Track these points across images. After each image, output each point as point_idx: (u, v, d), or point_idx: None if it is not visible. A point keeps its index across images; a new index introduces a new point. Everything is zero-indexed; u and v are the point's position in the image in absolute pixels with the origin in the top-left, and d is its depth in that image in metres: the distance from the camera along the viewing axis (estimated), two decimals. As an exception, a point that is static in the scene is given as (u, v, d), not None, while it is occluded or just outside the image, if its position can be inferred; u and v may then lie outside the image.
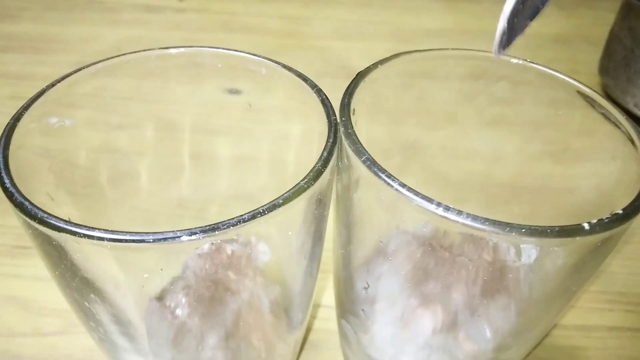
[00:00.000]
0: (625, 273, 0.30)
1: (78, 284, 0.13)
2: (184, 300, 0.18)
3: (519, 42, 0.61)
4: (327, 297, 0.26)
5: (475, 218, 0.12)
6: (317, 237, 0.16)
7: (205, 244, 0.19)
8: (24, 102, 0.44)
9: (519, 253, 0.16)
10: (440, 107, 0.26)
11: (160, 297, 0.18)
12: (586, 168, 0.22)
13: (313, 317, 0.26)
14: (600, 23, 0.46)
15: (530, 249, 0.14)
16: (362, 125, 0.24)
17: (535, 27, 0.63)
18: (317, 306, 0.26)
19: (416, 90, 0.24)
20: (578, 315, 0.27)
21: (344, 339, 0.21)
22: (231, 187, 0.27)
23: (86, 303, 0.14)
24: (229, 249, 0.20)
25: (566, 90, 0.19)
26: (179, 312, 0.18)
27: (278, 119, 0.22)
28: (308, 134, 0.19)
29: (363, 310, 0.18)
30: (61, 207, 0.18)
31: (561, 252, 0.13)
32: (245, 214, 0.12)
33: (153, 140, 0.25)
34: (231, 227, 0.11)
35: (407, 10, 0.56)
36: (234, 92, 0.23)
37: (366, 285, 0.17)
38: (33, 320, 0.26)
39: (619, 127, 0.16)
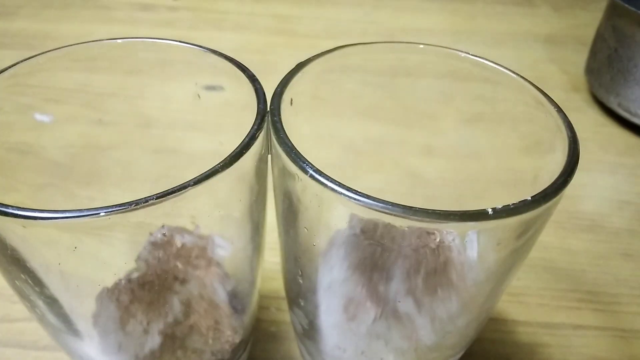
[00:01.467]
0: (595, 272, 0.29)
1: (6, 263, 0.13)
2: (130, 286, 0.18)
3: (511, 41, 0.62)
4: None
5: (391, 205, 0.12)
6: (254, 223, 0.16)
7: (158, 234, 0.20)
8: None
9: (461, 241, 0.17)
10: (409, 102, 0.26)
11: (113, 286, 0.19)
12: (544, 162, 0.22)
13: (276, 308, 0.26)
14: (592, 24, 0.46)
15: (471, 237, 0.15)
16: (333, 122, 0.24)
17: (528, 26, 0.63)
18: (278, 298, 0.26)
19: (377, 85, 0.24)
20: (545, 312, 0.27)
21: (294, 330, 0.21)
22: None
23: (17, 282, 0.14)
24: (182, 241, 0.20)
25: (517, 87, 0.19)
26: (122, 297, 0.18)
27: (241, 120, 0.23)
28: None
29: (303, 300, 0.18)
30: (35, 203, 0.18)
31: (480, 236, 0.13)
32: (154, 194, 0.12)
33: (133, 137, 0.25)
34: (138, 207, 0.12)
35: (399, 9, 0.56)
36: (212, 88, 0.23)
37: (300, 274, 0.17)
38: (3, 306, 0.26)
39: (557, 120, 0.16)
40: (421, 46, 0.19)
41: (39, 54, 0.19)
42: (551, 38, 0.53)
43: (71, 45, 0.20)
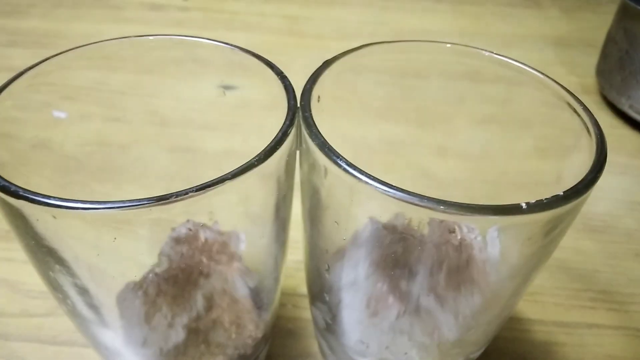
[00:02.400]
0: (609, 272, 0.30)
1: (42, 254, 0.14)
2: (155, 280, 0.19)
3: (519, 43, 0.62)
4: (304, 287, 0.27)
5: (420, 197, 0.13)
6: (280, 218, 0.16)
7: (182, 229, 0.20)
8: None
9: (475, 235, 0.17)
10: (426, 103, 0.26)
11: (139, 281, 0.19)
12: (565, 163, 0.22)
13: (293, 305, 0.26)
14: (601, 26, 0.46)
15: (491, 233, 0.15)
16: (342, 122, 0.24)
17: (537, 29, 0.63)
18: (294, 295, 0.26)
19: (395, 85, 0.24)
20: (559, 312, 0.27)
21: (315, 325, 0.21)
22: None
23: (51, 273, 0.14)
24: (206, 236, 0.20)
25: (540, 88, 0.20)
26: (149, 290, 0.18)
27: (270, 114, 0.23)
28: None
29: (328, 295, 0.18)
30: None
31: (510, 231, 0.14)
32: (194, 186, 0.12)
33: (141, 133, 0.25)
34: (178, 198, 0.12)
35: (407, 11, 0.57)
36: (228, 87, 0.23)
37: (327, 267, 0.17)
38: (21, 302, 0.26)
39: (581, 120, 0.16)
40: (448, 45, 0.19)
41: (59, 54, 0.19)
42: (560, 40, 0.53)
43: (88, 44, 0.20)
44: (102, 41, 0.19)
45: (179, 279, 0.19)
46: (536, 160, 0.24)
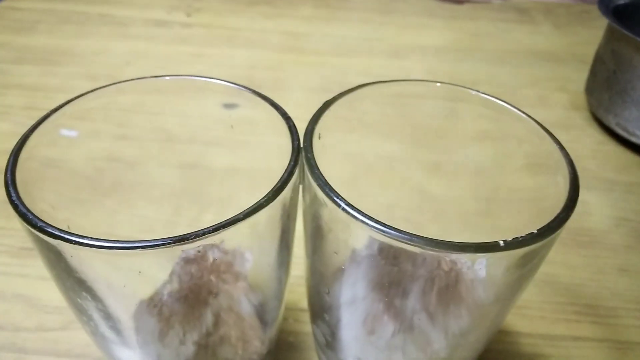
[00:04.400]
0: (594, 286, 0.31)
1: (72, 284, 0.15)
2: (169, 300, 0.20)
3: (513, 59, 0.63)
4: (305, 301, 0.28)
5: (410, 236, 0.14)
6: (284, 246, 0.18)
7: (191, 251, 0.21)
8: (37, 112, 0.46)
9: (472, 264, 0.18)
10: (423, 125, 0.27)
11: (151, 299, 0.21)
12: (543, 188, 0.24)
13: (294, 320, 0.28)
14: (593, 42, 0.48)
15: (480, 261, 0.16)
16: (341, 143, 0.26)
17: (529, 44, 0.65)
18: (295, 310, 0.28)
19: (391, 111, 0.26)
20: (545, 324, 0.29)
21: (315, 341, 0.23)
22: (226, 196, 0.29)
23: (79, 300, 0.16)
24: (211, 256, 0.22)
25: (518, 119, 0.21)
26: (164, 310, 0.20)
27: (262, 138, 0.25)
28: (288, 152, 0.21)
29: (327, 314, 0.20)
30: (61, 214, 0.20)
31: (491, 264, 0.15)
32: (209, 226, 0.14)
33: (150, 151, 0.26)
34: (197, 238, 0.13)
35: (404, 27, 0.58)
36: (230, 106, 0.24)
37: (327, 291, 0.19)
38: (37, 316, 0.28)
39: (560, 155, 0.18)
40: (438, 84, 0.21)
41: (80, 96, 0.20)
42: (552, 56, 0.55)
43: (107, 86, 0.21)
44: (119, 82, 0.20)
45: (190, 298, 0.21)
46: (526, 178, 0.26)
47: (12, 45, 0.51)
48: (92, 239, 0.13)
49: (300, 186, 0.18)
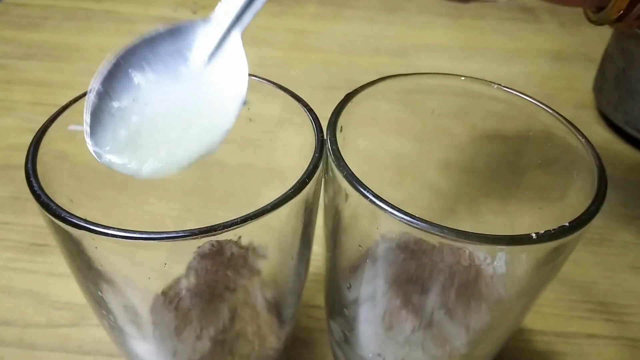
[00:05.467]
0: (606, 284, 0.31)
1: (93, 276, 0.15)
2: (185, 295, 0.20)
3: (519, 57, 0.63)
4: (319, 298, 0.28)
5: (441, 228, 0.14)
6: (305, 240, 0.18)
7: (207, 245, 0.21)
8: (43, 107, 0.46)
9: (487, 259, 0.18)
10: (429, 122, 0.27)
11: (167, 293, 0.20)
12: (560, 181, 0.23)
13: (307, 316, 0.27)
14: (599, 41, 0.47)
15: (500, 256, 0.16)
16: (356, 139, 0.26)
17: (536, 43, 0.64)
18: (310, 307, 0.28)
19: (405, 108, 0.25)
20: (559, 322, 0.29)
21: (332, 337, 0.23)
22: (233, 192, 0.28)
23: (99, 292, 0.15)
24: (228, 251, 0.22)
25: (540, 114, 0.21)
26: (180, 305, 0.19)
27: (277, 133, 0.24)
28: (304, 147, 0.21)
29: (347, 309, 0.19)
30: (78, 208, 0.19)
31: (519, 258, 0.15)
32: (238, 218, 0.13)
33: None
34: (225, 229, 0.13)
35: (411, 26, 0.58)
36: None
37: (349, 286, 0.18)
38: (47, 312, 0.28)
39: (585, 149, 0.18)
40: (462, 79, 0.21)
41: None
42: (559, 54, 0.55)
43: None
44: None
45: (206, 293, 0.21)
46: (542, 175, 0.25)
47: (18, 41, 0.51)
48: (121, 230, 0.13)
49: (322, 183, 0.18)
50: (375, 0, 0.63)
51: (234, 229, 0.13)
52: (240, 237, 0.21)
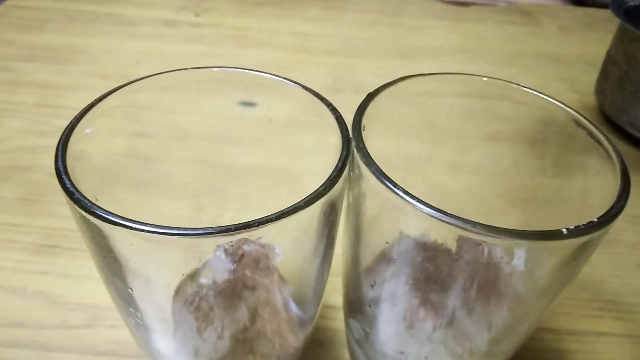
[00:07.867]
0: (616, 283, 0.31)
1: (124, 274, 0.15)
2: (206, 295, 0.20)
3: (520, 60, 0.64)
4: (334, 298, 0.28)
5: (472, 223, 0.14)
6: (330, 239, 0.18)
7: (226, 245, 0.21)
8: (49, 109, 0.46)
9: (511, 256, 0.18)
10: (442, 124, 0.27)
11: (188, 293, 0.20)
12: (574, 182, 0.24)
13: (321, 316, 0.27)
14: (600, 44, 0.48)
15: (520, 253, 0.16)
16: (372, 139, 0.26)
17: (536, 46, 0.65)
18: (324, 307, 0.28)
19: (420, 109, 0.26)
20: (570, 320, 0.29)
21: (351, 336, 0.23)
22: (246, 194, 0.28)
23: (129, 290, 0.15)
24: (247, 250, 0.22)
25: (559, 113, 0.21)
26: (202, 305, 0.20)
27: (295, 132, 0.24)
28: (322, 147, 0.21)
29: (370, 307, 0.19)
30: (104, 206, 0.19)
31: (546, 254, 0.15)
32: (271, 214, 0.14)
33: (174, 149, 0.26)
34: (260, 226, 0.13)
35: (413, 29, 0.59)
36: (248, 104, 0.24)
37: (373, 283, 0.18)
38: (60, 314, 0.27)
39: (601, 146, 0.18)
40: (485, 79, 0.21)
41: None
42: (559, 58, 0.56)
43: (136, 81, 0.21)
44: (142, 78, 0.20)
45: (227, 292, 0.21)
46: (553, 176, 0.26)
47: (21, 43, 0.50)
48: (161, 227, 0.13)
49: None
50: (375, 4, 0.64)
51: (268, 225, 0.13)
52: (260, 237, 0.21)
